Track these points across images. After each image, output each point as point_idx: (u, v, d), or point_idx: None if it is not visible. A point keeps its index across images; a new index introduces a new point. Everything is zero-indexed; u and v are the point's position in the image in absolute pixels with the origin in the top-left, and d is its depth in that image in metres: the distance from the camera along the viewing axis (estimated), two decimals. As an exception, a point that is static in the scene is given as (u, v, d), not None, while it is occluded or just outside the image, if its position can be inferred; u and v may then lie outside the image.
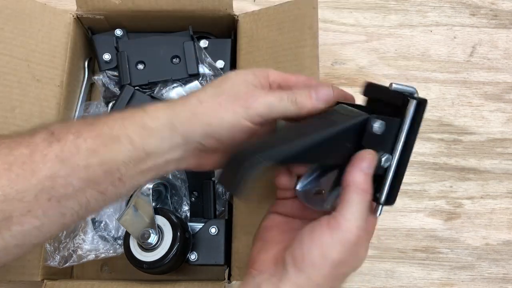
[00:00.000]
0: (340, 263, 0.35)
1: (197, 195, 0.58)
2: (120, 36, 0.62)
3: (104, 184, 0.35)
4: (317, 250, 0.35)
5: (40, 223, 0.33)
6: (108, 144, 0.35)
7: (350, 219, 0.35)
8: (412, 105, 0.37)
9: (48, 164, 0.33)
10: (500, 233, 0.62)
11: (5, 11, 0.56)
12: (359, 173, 0.36)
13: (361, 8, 0.71)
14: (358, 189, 0.36)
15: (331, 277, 0.35)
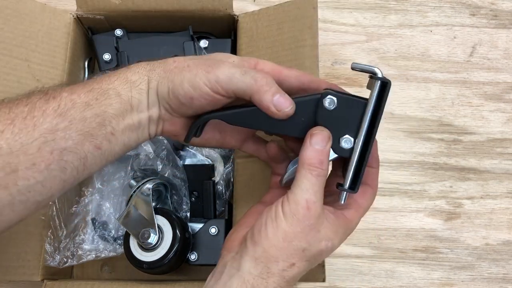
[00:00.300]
0: (292, 235, 0.36)
1: (197, 195, 0.58)
2: (120, 36, 0.62)
3: (99, 137, 0.37)
4: (271, 223, 0.37)
5: (43, 178, 0.35)
6: (99, 97, 0.37)
7: (297, 192, 0.37)
8: (376, 86, 0.37)
9: (48, 118, 0.35)
10: (500, 233, 0.62)
11: (5, 11, 0.56)
12: (308, 148, 0.38)
13: (361, 8, 0.71)
14: (305, 163, 0.37)
15: (285, 250, 0.36)
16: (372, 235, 0.62)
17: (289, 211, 0.37)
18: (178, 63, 0.39)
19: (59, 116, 0.35)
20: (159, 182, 0.56)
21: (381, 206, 0.63)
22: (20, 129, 0.34)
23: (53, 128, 0.35)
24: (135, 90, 0.38)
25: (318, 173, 0.37)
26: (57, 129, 0.35)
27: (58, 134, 0.35)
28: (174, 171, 0.58)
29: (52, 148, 0.35)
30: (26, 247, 0.53)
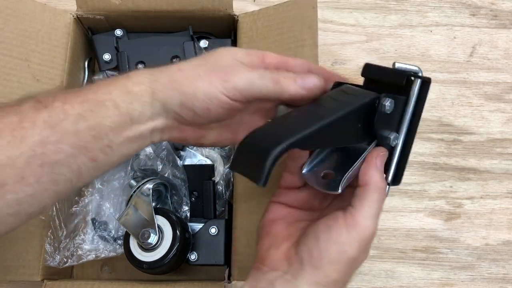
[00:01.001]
0: (354, 260, 0.36)
1: (197, 195, 0.58)
2: (120, 36, 0.62)
3: (94, 151, 0.35)
4: (335, 247, 0.35)
5: (34, 191, 0.34)
6: (95, 109, 0.35)
7: (367, 216, 0.36)
8: (417, 84, 0.37)
9: (37, 130, 0.33)
10: (500, 233, 0.62)
11: (5, 11, 0.56)
12: (377, 172, 0.37)
13: (361, 8, 0.71)
14: (376, 187, 0.37)
15: (346, 273, 0.36)
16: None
17: (357, 237, 0.35)
18: (186, 72, 0.37)
19: (50, 128, 0.33)
20: (159, 182, 0.56)
21: (381, 206, 0.63)
22: (8, 142, 0.32)
23: (42, 140, 0.33)
24: (136, 102, 0.36)
25: (384, 196, 0.37)
26: (48, 142, 0.33)
27: (48, 147, 0.33)
28: (174, 171, 0.58)
29: (42, 162, 0.33)
30: (26, 247, 0.53)
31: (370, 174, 0.37)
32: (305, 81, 0.37)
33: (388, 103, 0.37)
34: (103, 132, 0.35)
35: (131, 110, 0.36)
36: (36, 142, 0.33)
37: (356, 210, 0.36)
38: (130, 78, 0.37)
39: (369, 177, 0.37)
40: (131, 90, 0.36)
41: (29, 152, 0.33)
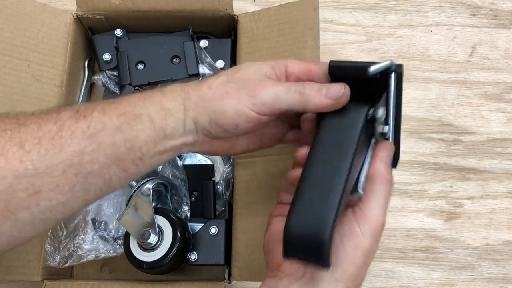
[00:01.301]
0: (370, 252, 0.37)
1: (197, 195, 0.58)
2: (120, 36, 0.62)
3: (126, 162, 0.36)
4: (350, 242, 0.36)
5: (66, 199, 0.34)
6: (132, 122, 0.36)
7: (375, 208, 0.36)
8: (393, 79, 0.39)
9: (76, 140, 0.34)
10: (500, 233, 0.62)
11: (5, 11, 0.56)
12: (384, 164, 0.38)
13: (361, 8, 0.71)
14: (383, 178, 0.37)
15: (362, 267, 0.36)
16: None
17: (369, 228, 0.36)
18: (215, 90, 0.38)
19: (88, 138, 0.34)
20: (159, 182, 0.56)
21: (381, 206, 0.63)
22: (47, 150, 0.33)
23: (80, 151, 0.34)
24: (170, 118, 0.37)
25: (391, 189, 0.38)
26: (85, 152, 0.34)
27: (85, 157, 0.34)
28: (174, 171, 0.58)
29: (77, 171, 0.34)
30: (26, 247, 0.53)
31: (375, 167, 0.38)
32: (330, 91, 0.38)
33: (381, 114, 0.38)
34: (137, 145, 0.36)
35: (165, 126, 0.37)
36: (74, 151, 0.34)
37: (363, 204, 0.37)
38: (164, 94, 0.38)
39: (375, 170, 0.38)
40: (166, 107, 0.37)
41: (66, 161, 0.33)
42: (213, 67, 0.61)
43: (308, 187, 0.35)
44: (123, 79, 0.59)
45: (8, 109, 0.55)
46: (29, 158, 0.33)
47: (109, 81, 0.62)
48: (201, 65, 0.61)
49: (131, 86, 0.59)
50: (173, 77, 0.60)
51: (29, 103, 0.56)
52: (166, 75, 0.60)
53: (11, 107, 0.55)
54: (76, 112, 0.35)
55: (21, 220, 0.33)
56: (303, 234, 0.33)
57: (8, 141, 0.33)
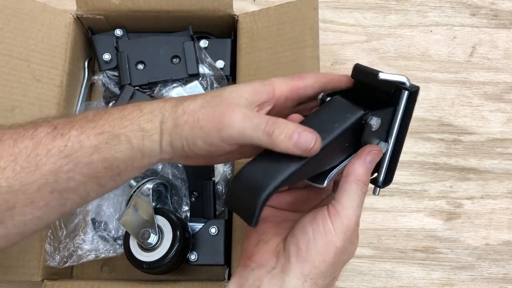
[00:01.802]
0: (341, 250, 0.36)
1: (197, 195, 0.58)
2: (120, 36, 0.62)
3: (104, 179, 0.36)
4: (321, 238, 0.36)
5: (41, 213, 0.35)
6: (110, 142, 0.36)
7: (348, 207, 0.36)
8: (405, 96, 0.38)
9: (52, 159, 0.34)
10: (500, 233, 0.62)
11: (5, 11, 0.56)
12: (362, 166, 0.37)
13: (361, 8, 0.71)
14: (358, 180, 0.37)
15: (333, 265, 0.36)
16: (372, 235, 0.62)
17: (341, 227, 0.36)
18: (188, 117, 0.37)
19: (65, 157, 0.34)
20: (159, 182, 0.56)
21: (381, 206, 0.63)
22: (22, 168, 0.33)
23: (56, 170, 0.34)
24: (147, 139, 0.37)
25: (365, 191, 0.38)
26: (61, 171, 0.34)
27: (61, 176, 0.34)
28: (174, 171, 0.58)
29: (53, 189, 0.34)
30: (26, 247, 0.53)
31: (355, 166, 0.37)
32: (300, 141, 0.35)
33: (374, 122, 0.37)
34: (115, 164, 0.36)
35: (142, 146, 0.37)
36: (50, 170, 0.34)
37: (337, 202, 0.37)
38: (143, 113, 0.38)
39: (353, 168, 0.37)
40: (143, 128, 0.37)
41: (41, 180, 0.33)
42: (213, 67, 0.61)
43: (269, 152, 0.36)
44: (123, 79, 0.59)
45: (8, 109, 0.55)
46: (3, 176, 0.33)
47: (109, 81, 0.62)
48: (201, 65, 0.61)
49: (131, 86, 0.59)
50: (173, 77, 0.60)
51: (29, 103, 0.56)
52: (166, 75, 0.60)
53: (11, 107, 0.55)
54: (53, 129, 0.35)
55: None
56: (242, 189, 0.34)
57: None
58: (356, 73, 0.40)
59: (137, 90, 0.59)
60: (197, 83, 0.61)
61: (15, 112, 0.55)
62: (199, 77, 0.61)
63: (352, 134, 0.38)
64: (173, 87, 0.60)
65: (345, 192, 0.37)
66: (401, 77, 0.37)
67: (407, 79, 0.37)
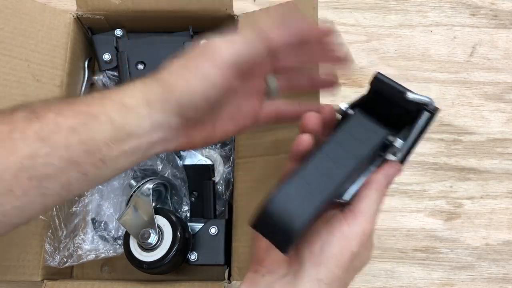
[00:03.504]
0: (357, 255, 0.35)
1: (197, 195, 0.58)
2: (120, 36, 0.62)
3: (85, 165, 0.34)
4: (337, 242, 0.35)
5: (21, 203, 0.32)
6: (88, 122, 0.33)
7: (366, 212, 0.36)
8: (425, 117, 0.38)
9: (28, 141, 0.32)
10: (500, 233, 0.62)
11: (5, 11, 0.56)
12: (384, 176, 0.38)
13: (361, 8, 0.71)
14: (380, 189, 0.37)
15: (348, 271, 0.35)
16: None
17: (358, 230, 0.35)
18: (174, 70, 0.36)
19: (41, 140, 0.32)
20: (159, 182, 0.56)
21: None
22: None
23: (32, 154, 0.32)
24: (131, 115, 0.34)
25: (383, 199, 0.38)
26: (37, 155, 0.32)
27: (38, 160, 0.32)
28: (174, 171, 0.58)
29: (30, 175, 0.32)
30: (26, 247, 0.53)
31: (378, 176, 0.38)
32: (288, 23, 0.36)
33: (399, 144, 0.38)
34: (95, 147, 0.34)
35: (126, 124, 0.34)
36: (26, 154, 0.32)
37: (355, 207, 0.36)
38: (124, 91, 0.36)
39: (377, 179, 0.38)
40: (126, 103, 0.35)
41: (17, 164, 0.31)
42: (213, 67, 0.61)
43: (302, 175, 0.35)
44: (123, 79, 0.59)
45: (8, 109, 0.55)
46: None
47: (109, 81, 0.62)
48: (201, 65, 0.61)
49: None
50: (173, 77, 0.60)
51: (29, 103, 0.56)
52: (166, 75, 0.60)
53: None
54: (30, 112, 0.33)
55: None
56: (278, 215, 0.33)
57: None
58: (376, 84, 0.39)
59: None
60: (197, 83, 0.60)
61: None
62: (199, 77, 0.61)
63: (375, 153, 0.39)
64: (173, 87, 0.60)
65: (366, 198, 0.37)
66: (427, 99, 0.37)
67: (431, 100, 0.38)
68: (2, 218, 0.33)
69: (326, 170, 0.35)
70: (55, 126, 0.33)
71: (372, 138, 0.38)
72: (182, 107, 0.35)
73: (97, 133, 0.33)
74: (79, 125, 0.33)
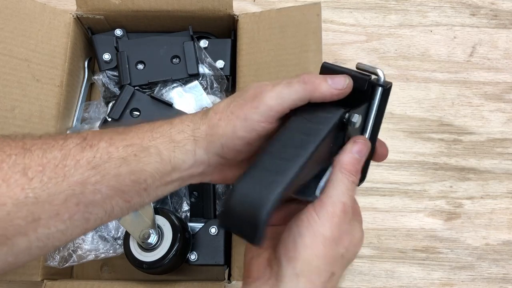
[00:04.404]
0: (333, 241, 0.34)
1: (197, 195, 0.58)
2: (120, 36, 0.62)
3: (130, 193, 0.35)
4: (307, 231, 0.34)
5: (65, 227, 0.34)
6: (139, 154, 0.35)
7: (333, 195, 0.35)
8: (379, 93, 0.38)
9: (80, 170, 0.33)
10: (500, 233, 0.62)
11: (5, 11, 0.56)
12: (347, 155, 0.37)
13: (361, 8, 0.71)
14: (343, 168, 0.36)
15: (326, 258, 0.34)
16: (372, 235, 0.62)
17: (326, 214, 0.34)
18: (221, 115, 0.37)
19: (93, 168, 0.33)
20: (159, 182, 0.56)
21: (381, 206, 0.63)
22: (50, 178, 0.32)
23: (83, 181, 0.33)
24: (179, 150, 0.36)
25: (353, 180, 0.37)
26: (88, 182, 0.33)
27: (87, 187, 0.33)
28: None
29: (78, 200, 0.33)
30: (26, 247, 0.53)
31: (340, 157, 0.37)
32: (335, 81, 0.37)
33: (356, 119, 0.37)
34: (142, 177, 0.35)
35: (173, 158, 0.36)
36: (78, 181, 0.33)
37: (325, 193, 0.36)
38: (173, 125, 0.37)
39: (338, 159, 0.37)
40: (175, 139, 0.37)
41: (68, 191, 0.33)
42: (213, 67, 0.61)
43: (262, 163, 0.34)
44: (123, 79, 0.59)
45: (8, 109, 0.55)
46: (30, 186, 0.32)
47: (109, 81, 0.62)
48: (201, 65, 0.61)
49: (131, 86, 0.59)
50: (173, 77, 0.60)
51: (29, 103, 0.56)
52: (166, 75, 0.60)
53: (11, 107, 0.55)
54: (83, 140, 0.34)
55: (17, 246, 0.33)
56: (241, 207, 0.32)
57: (11, 167, 0.32)
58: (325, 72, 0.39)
59: (137, 90, 0.59)
60: (197, 83, 0.61)
61: (15, 112, 0.55)
62: (199, 77, 0.61)
63: (335, 135, 0.38)
64: (173, 87, 0.60)
65: (330, 182, 0.36)
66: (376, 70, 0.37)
67: (382, 73, 0.37)
68: (46, 240, 0.34)
69: (285, 155, 0.34)
70: (107, 155, 0.34)
71: (328, 118, 0.37)
72: (224, 150, 0.37)
73: (146, 165, 0.35)
74: (130, 156, 0.35)
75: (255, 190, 0.32)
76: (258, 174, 0.34)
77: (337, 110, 0.37)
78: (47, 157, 0.33)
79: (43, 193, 0.32)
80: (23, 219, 0.32)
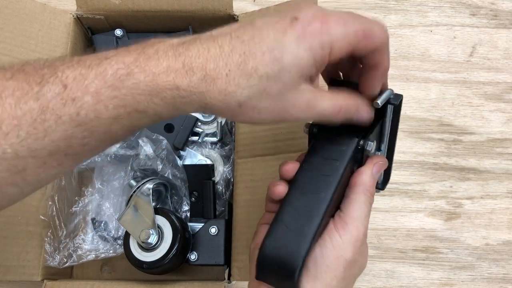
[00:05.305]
0: (352, 263, 0.35)
1: (197, 195, 0.58)
2: (120, 36, 0.62)
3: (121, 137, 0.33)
4: (330, 254, 0.35)
5: (56, 172, 0.32)
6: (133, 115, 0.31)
7: (357, 218, 0.36)
8: (390, 110, 0.38)
9: (63, 126, 0.30)
10: (500, 233, 0.62)
11: (5, 11, 0.56)
12: (370, 177, 0.37)
13: (361, 8, 0.71)
14: (366, 190, 0.37)
15: (344, 280, 0.35)
16: (372, 235, 0.62)
17: (351, 238, 0.35)
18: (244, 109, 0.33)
19: (78, 126, 0.30)
20: (159, 182, 0.56)
21: (381, 206, 0.63)
22: (28, 134, 0.29)
23: (68, 136, 0.30)
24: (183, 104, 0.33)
25: (372, 201, 0.37)
26: (74, 137, 0.30)
27: (74, 141, 0.31)
28: (174, 171, 0.58)
29: (66, 153, 0.31)
30: (26, 247, 0.53)
31: (362, 177, 0.37)
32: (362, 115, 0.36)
33: (371, 147, 0.37)
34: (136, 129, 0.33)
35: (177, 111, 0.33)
36: (61, 138, 0.30)
37: (344, 212, 0.36)
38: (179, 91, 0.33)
39: (361, 180, 0.37)
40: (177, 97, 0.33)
41: (52, 145, 0.30)
42: (213, 67, 0.61)
43: (287, 213, 0.35)
44: (123, 79, 0.59)
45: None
46: (7, 142, 0.29)
47: (109, 81, 0.62)
48: (201, 65, 0.61)
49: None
50: (173, 77, 0.60)
51: (29, 103, 0.56)
52: (166, 75, 0.60)
53: (11, 107, 0.55)
54: (63, 90, 0.30)
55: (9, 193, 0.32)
56: (276, 259, 0.34)
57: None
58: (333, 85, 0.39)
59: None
60: (197, 83, 0.60)
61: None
62: (199, 77, 0.61)
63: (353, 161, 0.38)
64: (173, 87, 0.60)
65: (354, 202, 0.36)
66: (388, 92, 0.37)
67: (391, 92, 0.37)
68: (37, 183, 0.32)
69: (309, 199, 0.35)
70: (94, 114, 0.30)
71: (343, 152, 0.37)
72: None
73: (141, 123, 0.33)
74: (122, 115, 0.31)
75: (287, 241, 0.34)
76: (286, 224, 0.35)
77: (350, 140, 0.37)
78: (22, 109, 0.29)
79: (23, 148, 0.29)
80: (6, 172, 0.30)
